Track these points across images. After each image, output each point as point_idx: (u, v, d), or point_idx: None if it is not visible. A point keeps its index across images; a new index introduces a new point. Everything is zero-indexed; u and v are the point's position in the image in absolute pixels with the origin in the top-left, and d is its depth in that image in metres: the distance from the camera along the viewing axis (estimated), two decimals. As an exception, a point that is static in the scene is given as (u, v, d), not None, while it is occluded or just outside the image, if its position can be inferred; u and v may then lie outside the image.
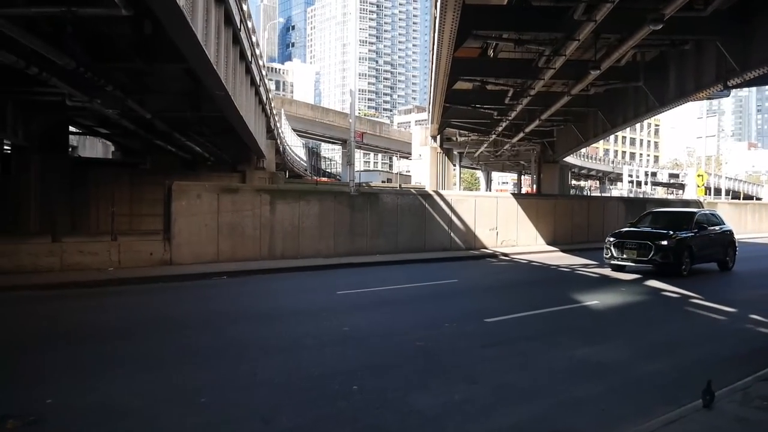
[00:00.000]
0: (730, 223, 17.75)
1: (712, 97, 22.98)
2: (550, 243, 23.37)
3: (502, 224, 22.41)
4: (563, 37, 13.70)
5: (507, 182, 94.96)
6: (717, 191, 56.47)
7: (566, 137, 29.60)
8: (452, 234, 20.87)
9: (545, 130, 29.33)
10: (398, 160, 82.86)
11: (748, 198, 70.96)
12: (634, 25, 12.26)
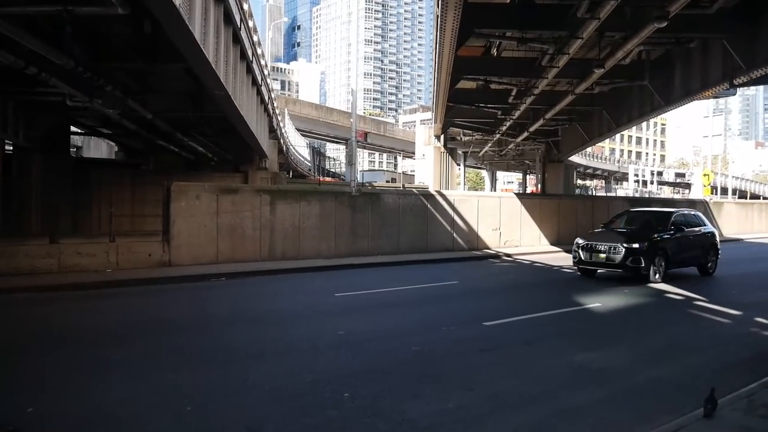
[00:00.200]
0: (710, 225, 16.44)
1: (718, 96, 22.77)
2: (553, 243, 23.15)
3: (506, 224, 22.23)
4: (567, 35, 13.54)
5: (512, 182, 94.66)
6: (723, 191, 56.01)
7: (571, 136, 29.36)
8: (455, 234, 20.69)
9: (550, 130, 29.11)
10: (402, 159, 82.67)
11: (755, 197, 70.48)
12: (639, 22, 12.10)
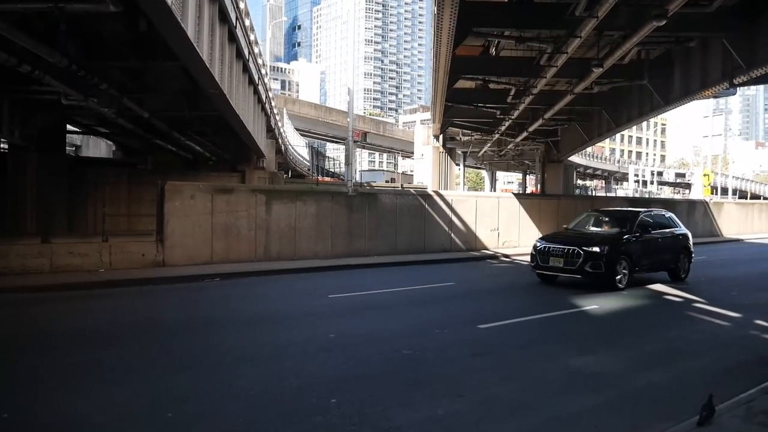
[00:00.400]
0: (684, 227, 15.12)
1: (718, 95, 22.63)
2: (552, 244, 22.97)
3: (504, 225, 22.08)
4: (565, 34, 13.44)
5: (512, 182, 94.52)
6: (724, 191, 55.81)
7: (570, 136, 29.23)
8: (452, 235, 20.55)
9: (549, 130, 28.97)
10: (402, 159, 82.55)
11: (756, 197, 70.32)
12: (638, 21, 11.99)
